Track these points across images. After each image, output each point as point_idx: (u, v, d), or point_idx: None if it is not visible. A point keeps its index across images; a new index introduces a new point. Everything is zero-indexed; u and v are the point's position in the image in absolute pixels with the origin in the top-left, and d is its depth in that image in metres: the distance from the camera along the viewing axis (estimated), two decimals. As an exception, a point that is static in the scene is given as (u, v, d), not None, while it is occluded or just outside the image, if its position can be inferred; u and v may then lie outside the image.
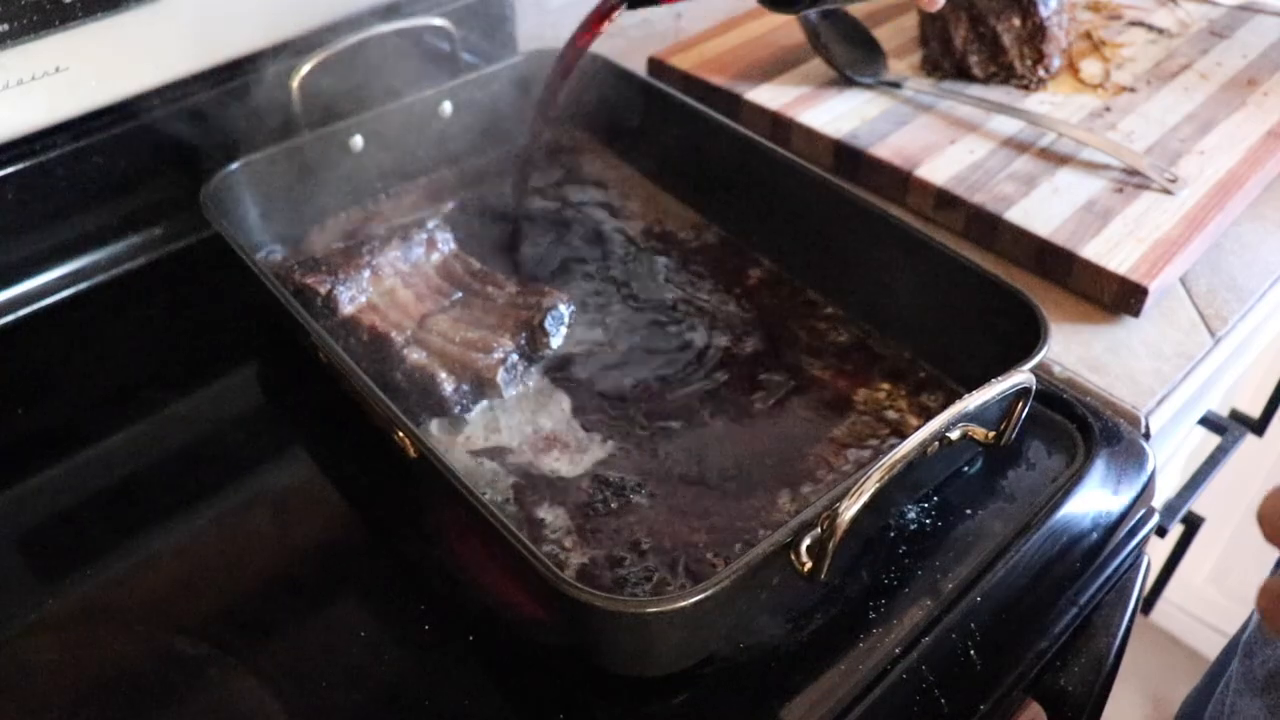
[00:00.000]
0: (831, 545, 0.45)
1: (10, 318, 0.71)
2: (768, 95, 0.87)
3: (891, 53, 0.93)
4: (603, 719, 0.50)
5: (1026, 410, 0.53)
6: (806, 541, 0.46)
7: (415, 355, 0.62)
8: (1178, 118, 0.84)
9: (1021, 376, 0.50)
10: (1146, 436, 0.64)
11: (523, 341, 0.64)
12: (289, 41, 0.78)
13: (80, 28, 0.66)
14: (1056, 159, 0.80)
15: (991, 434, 0.54)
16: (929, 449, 0.47)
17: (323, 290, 0.65)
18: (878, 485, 0.45)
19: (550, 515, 0.57)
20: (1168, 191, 0.72)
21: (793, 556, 0.46)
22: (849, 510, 0.44)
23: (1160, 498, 0.64)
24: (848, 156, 0.82)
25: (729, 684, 0.50)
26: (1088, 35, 0.96)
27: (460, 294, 0.68)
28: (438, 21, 0.79)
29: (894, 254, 0.66)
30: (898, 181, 0.79)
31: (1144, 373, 0.67)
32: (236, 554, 0.57)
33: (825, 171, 0.74)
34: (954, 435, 0.52)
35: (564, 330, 0.66)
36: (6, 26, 0.63)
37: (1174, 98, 0.87)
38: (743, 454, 0.60)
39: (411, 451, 0.52)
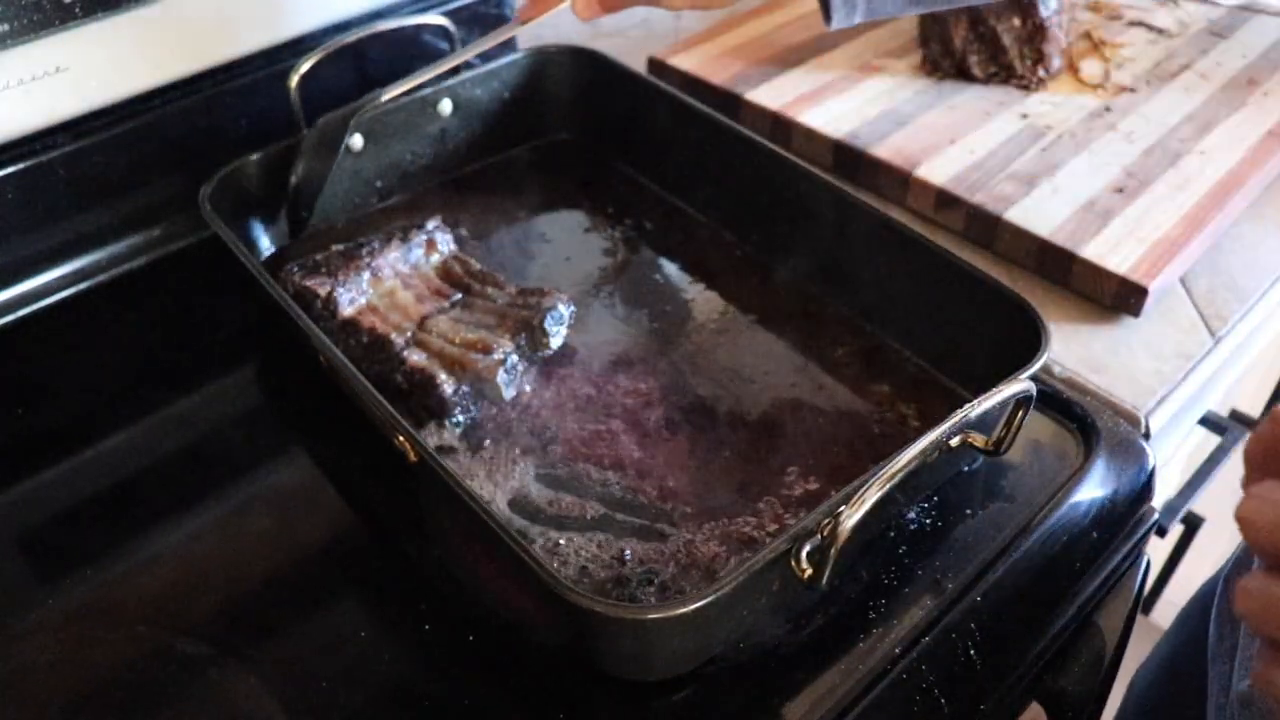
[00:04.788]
0: (832, 552, 0.45)
1: (10, 318, 0.71)
2: (768, 95, 0.87)
3: (891, 53, 0.93)
4: (603, 718, 0.50)
5: (1026, 417, 0.53)
6: (807, 548, 0.46)
7: (415, 357, 0.62)
8: (1178, 118, 0.84)
9: (1022, 385, 0.50)
10: (1146, 436, 0.64)
11: (522, 342, 0.64)
12: (288, 41, 0.78)
13: (80, 28, 0.66)
14: (1056, 159, 0.80)
15: (991, 440, 0.54)
16: (929, 456, 0.47)
17: (322, 292, 0.65)
18: (879, 494, 0.45)
19: (551, 514, 0.57)
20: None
21: (793, 563, 0.46)
22: (850, 519, 0.44)
23: (1160, 498, 0.64)
24: (848, 156, 0.82)
25: (729, 684, 0.50)
26: (1088, 35, 0.96)
27: (460, 295, 0.68)
28: (437, 20, 0.79)
29: (894, 257, 0.66)
30: (898, 181, 0.79)
31: (1144, 373, 0.67)
32: (236, 554, 0.57)
33: (825, 171, 0.74)
34: (954, 443, 0.52)
35: (564, 330, 0.66)
36: (6, 26, 0.63)
37: (1174, 98, 0.87)
38: (743, 454, 0.60)
39: (411, 455, 0.52)
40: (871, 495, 0.45)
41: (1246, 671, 0.58)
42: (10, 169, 0.68)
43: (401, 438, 0.52)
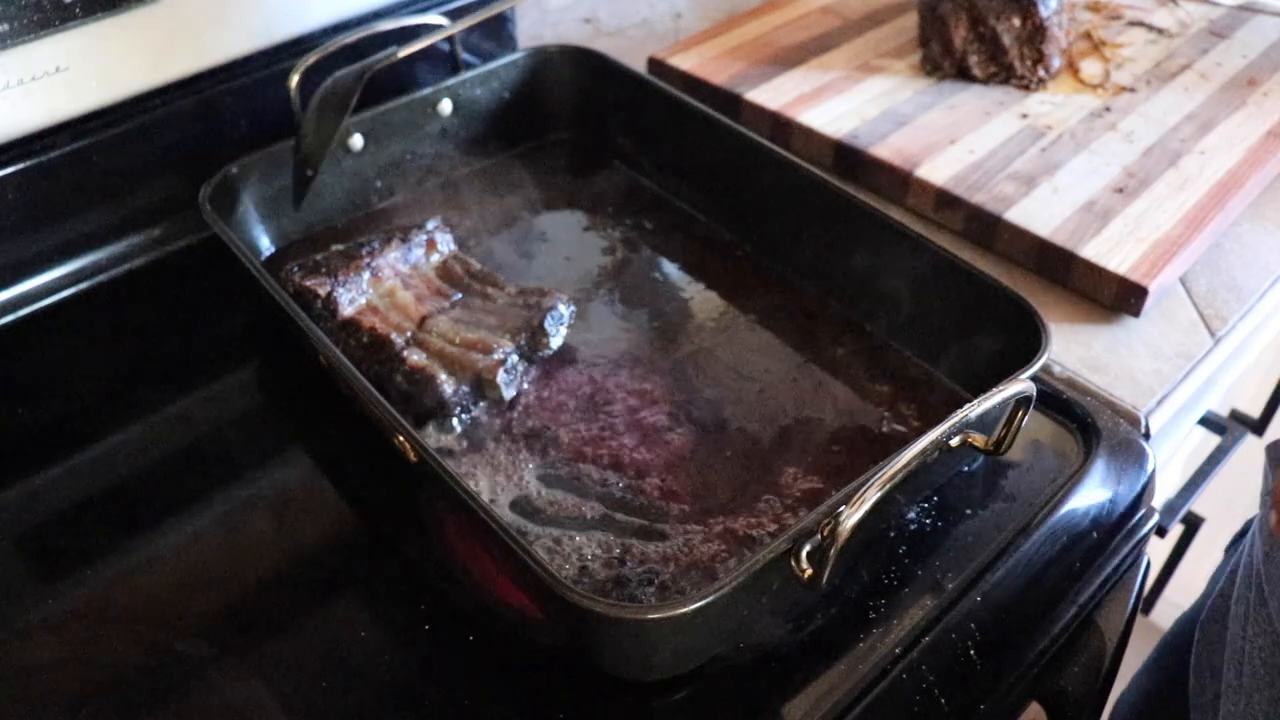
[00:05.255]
0: (833, 552, 0.45)
1: (10, 318, 0.71)
2: (768, 95, 0.87)
3: (891, 53, 0.93)
4: (603, 718, 0.50)
5: (1026, 417, 0.53)
6: (807, 548, 0.46)
7: (415, 357, 0.62)
8: (1178, 118, 0.84)
9: (1022, 385, 0.50)
10: (1146, 436, 0.64)
11: (522, 342, 0.64)
12: (288, 41, 0.78)
13: (80, 28, 0.66)
14: (1056, 159, 0.80)
15: (991, 440, 0.54)
16: (929, 456, 0.47)
17: (322, 292, 0.65)
18: (879, 494, 0.45)
19: (551, 514, 0.57)
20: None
21: (793, 563, 0.46)
22: (851, 518, 0.44)
23: (1160, 498, 0.65)
24: (848, 156, 0.82)
25: (729, 684, 0.50)
26: (1088, 35, 0.96)
27: (460, 295, 0.68)
28: (437, 20, 0.79)
29: (894, 257, 0.66)
30: (898, 181, 0.79)
31: (1144, 373, 0.67)
32: (236, 554, 0.57)
33: (825, 171, 0.74)
34: (954, 443, 0.52)
35: (564, 330, 0.66)
36: (6, 26, 0.63)
37: (1174, 98, 0.87)
38: (743, 454, 0.60)
39: (411, 455, 0.52)
40: (871, 495, 0.45)
41: None
42: (10, 169, 0.68)
43: (401, 438, 0.52)
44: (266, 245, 0.74)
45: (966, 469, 0.60)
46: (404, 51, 0.71)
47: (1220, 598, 0.66)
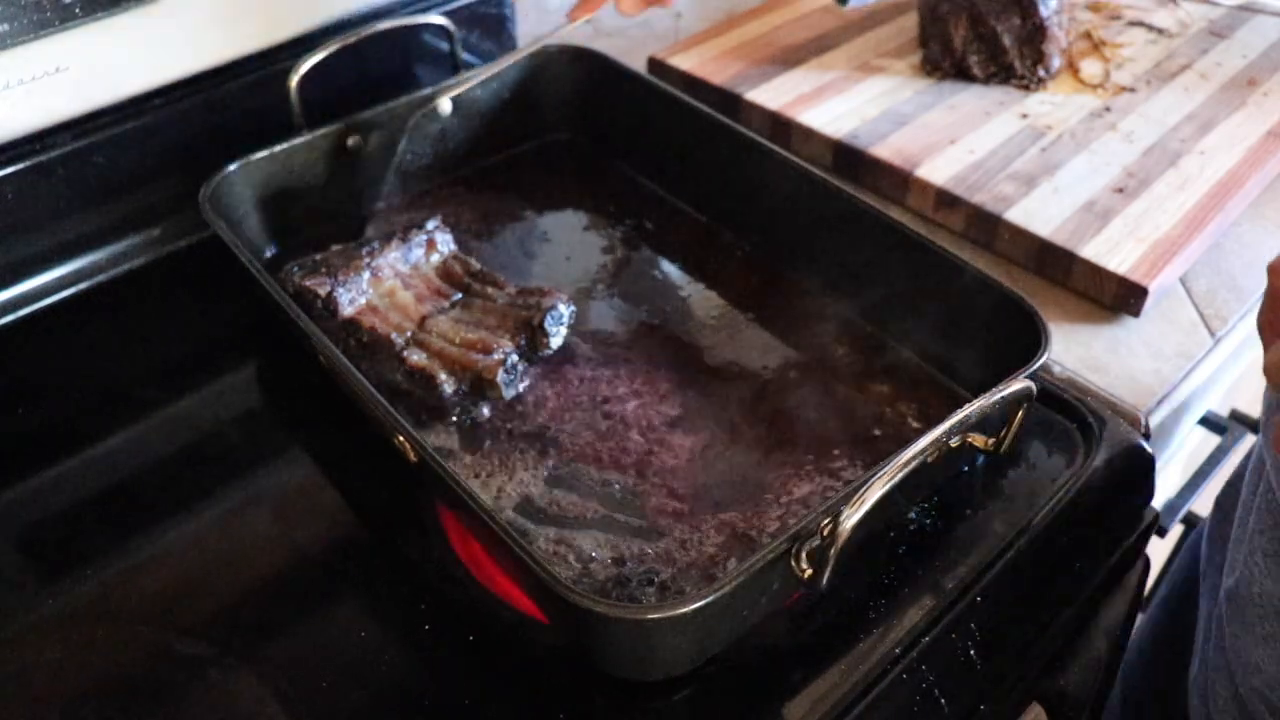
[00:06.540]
0: (833, 553, 0.45)
1: (10, 318, 0.71)
2: (768, 95, 0.87)
3: (891, 53, 0.93)
4: (603, 719, 0.50)
5: (1026, 417, 0.53)
6: (807, 548, 0.46)
7: (415, 357, 0.62)
8: (1178, 118, 0.84)
9: (1022, 385, 0.50)
10: (1146, 436, 0.64)
11: (522, 342, 0.64)
12: (288, 41, 0.78)
13: (80, 28, 0.66)
14: (1056, 159, 0.80)
15: (991, 440, 0.54)
16: (929, 456, 0.47)
17: (322, 292, 0.65)
18: (879, 494, 0.45)
19: (551, 514, 0.57)
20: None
21: (793, 563, 0.46)
22: (851, 519, 0.44)
23: (1160, 498, 0.64)
24: (848, 156, 0.82)
25: (729, 684, 0.50)
26: (1088, 35, 0.96)
27: (460, 295, 0.68)
28: (438, 20, 0.79)
29: (894, 257, 0.66)
30: (898, 181, 0.79)
31: (1144, 373, 0.67)
32: (236, 554, 0.57)
33: (825, 171, 0.74)
34: (954, 443, 0.52)
35: (564, 330, 0.66)
36: (6, 26, 0.63)
37: (1174, 98, 0.87)
38: (743, 454, 0.60)
39: (411, 455, 0.52)
40: (871, 495, 0.45)
41: (1232, 569, 0.60)
42: (10, 169, 0.68)
43: (401, 438, 0.52)
44: (266, 245, 0.74)
45: (966, 469, 0.60)
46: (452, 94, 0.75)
47: (1230, 484, 0.68)
